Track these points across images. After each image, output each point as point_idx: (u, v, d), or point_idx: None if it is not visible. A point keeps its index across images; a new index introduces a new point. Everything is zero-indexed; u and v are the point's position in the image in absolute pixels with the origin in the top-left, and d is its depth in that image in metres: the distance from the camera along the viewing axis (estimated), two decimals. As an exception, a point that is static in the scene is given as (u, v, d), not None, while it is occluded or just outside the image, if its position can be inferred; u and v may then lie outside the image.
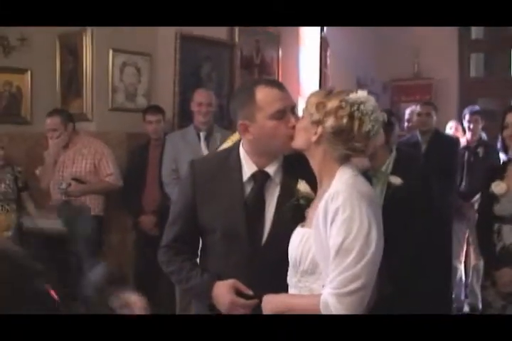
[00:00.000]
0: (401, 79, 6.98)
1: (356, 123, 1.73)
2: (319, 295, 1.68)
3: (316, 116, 1.78)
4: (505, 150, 3.12)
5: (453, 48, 6.73)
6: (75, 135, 4.27)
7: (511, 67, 6.77)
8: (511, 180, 3.01)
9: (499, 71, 6.96)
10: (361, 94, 1.76)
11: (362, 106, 1.73)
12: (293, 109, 1.97)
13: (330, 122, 1.74)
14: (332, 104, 1.75)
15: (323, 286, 1.71)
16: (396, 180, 2.80)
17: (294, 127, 1.91)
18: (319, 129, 1.77)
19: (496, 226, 2.98)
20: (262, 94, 1.94)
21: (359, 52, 6.40)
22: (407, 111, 5.61)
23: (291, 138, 1.90)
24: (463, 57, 6.88)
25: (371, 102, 1.76)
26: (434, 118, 4.88)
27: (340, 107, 1.74)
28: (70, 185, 4.06)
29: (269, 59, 5.77)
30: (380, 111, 1.79)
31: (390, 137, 3.02)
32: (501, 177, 3.02)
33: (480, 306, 4.72)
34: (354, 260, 1.62)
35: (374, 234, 1.66)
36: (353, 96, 1.75)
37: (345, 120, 1.73)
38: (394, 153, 2.95)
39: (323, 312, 1.65)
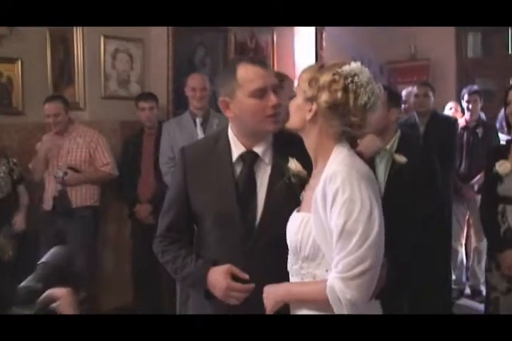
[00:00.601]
0: (398, 60, 6.90)
1: (351, 97, 1.67)
2: (324, 280, 1.64)
3: (310, 93, 1.72)
4: (509, 128, 3.04)
5: (450, 28, 6.62)
6: (70, 124, 4.23)
7: (509, 46, 6.69)
8: None
9: (497, 50, 6.86)
10: (355, 65, 1.70)
11: (356, 78, 1.67)
12: (275, 88, 1.94)
13: (324, 97, 1.68)
14: (325, 78, 1.69)
15: (326, 271, 1.67)
16: (401, 158, 2.83)
17: (274, 106, 1.88)
18: (314, 106, 1.71)
19: (500, 207, 2.92)
20: (244, 71, 1.91)
21: (355, 35, 6.31)
22: (404, 93, 5.52)
23: (272, 117, 1.89)
24: (460, 37, 6.79)
25: (366, 74, 1.69)
26: (432, 99, 4.82)
27: (333, 81, 1.68)
28: (66, 173, 4.03)
29: (264, 43, 5.70)
30: (375, 83, 1.71)
31: (399, 110, 3.05)
32: (505, 157, 2.95)
33: (482, 288, 4.72)
34: (358, 242, 1.58)
35: (376, 214, 1.61)
36: (346, 68, 1.69)
37: (339, 94, 1.67)
38: (399, 132, 2.98)
39: (330, 297, 1.60)
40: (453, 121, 4.92)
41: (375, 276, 1.61)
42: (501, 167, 2.91)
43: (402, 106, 5.40)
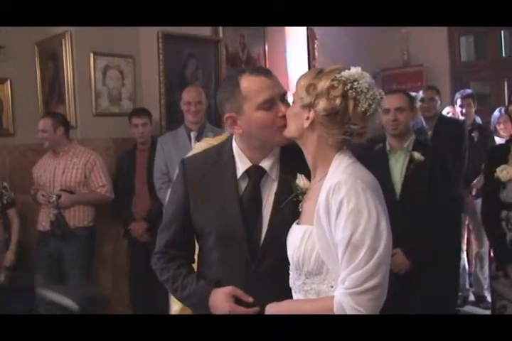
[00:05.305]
0: (391, 67, 6.88)
1: (351, 104, 1.60)
2: (329, 297, 1.58)
3: (307, 100, 1.65)
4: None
5: (442, 32, 6.62)
6: (67, 142, 4.13)
7: (503, 49, 6.66)
8: None
9: (490, 53, 6.83)
10: (354, 70, 1.63)
11: (356, 84, 1.60)
12: (283, 96, 1.85)
13: (322, 104, 1.61)
14: (323, 84, 1.62)
15: (331, 287, 1.61)
16: (419, 156, 2.96)
17: (285, 116, 1.78)
18: (311, 113, 1.65)
19: (504, 213, 2.83)
20: (247, 83, 1.81)
21: (347, 43, 6.30)
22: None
23: (283, 128, 1.78)
24: (452, 41, 6.78)
25: (366, 79, 1.62)
26: (439, 102, 4.75)
27: (331, 87, 1.61)
28: (59, 196, 3.95)
29: (256, 53, 5.67)
30: (377, 89, 1.64)
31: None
32: (505, 160, 2.85)
33: (485, 294, 4.67)
34: (365, 256, 1.51)
35: (384, 225, 1.54)
36: (345, 73, 1.62)
37: (338, 101, 1.60)
38: (413, 134, 3.14)
39: (338, 314, 1.53)
40: (461, 122, 4.81)
41: (383, 292, 1.55)
42: (502, 172, 2.80)
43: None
